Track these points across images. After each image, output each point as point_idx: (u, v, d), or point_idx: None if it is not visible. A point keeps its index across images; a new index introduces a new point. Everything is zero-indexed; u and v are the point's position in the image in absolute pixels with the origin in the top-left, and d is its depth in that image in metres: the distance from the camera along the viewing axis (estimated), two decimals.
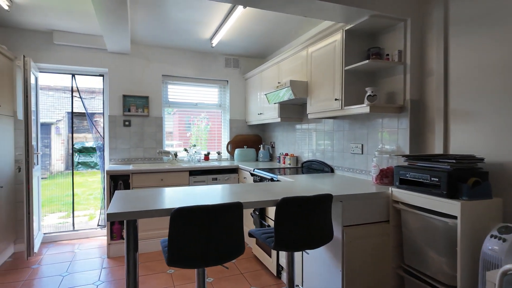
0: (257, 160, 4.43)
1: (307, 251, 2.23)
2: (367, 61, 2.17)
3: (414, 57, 2.16)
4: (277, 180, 2.72)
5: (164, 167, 3.54)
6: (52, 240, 3.83)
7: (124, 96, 3.89)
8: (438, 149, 2.04)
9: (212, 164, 3.93)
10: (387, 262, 2.00)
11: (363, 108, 2.15)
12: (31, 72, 3.08)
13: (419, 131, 2.18)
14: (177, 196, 1.80)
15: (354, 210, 1.92)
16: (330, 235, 1.75)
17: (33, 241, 3.07)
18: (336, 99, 2.42)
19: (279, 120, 3.46)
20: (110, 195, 3.32)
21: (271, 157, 4.35)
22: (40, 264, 3.09)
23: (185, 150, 4.23)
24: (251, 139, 4.55)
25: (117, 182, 3.53)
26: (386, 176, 2.22)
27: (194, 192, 1.93)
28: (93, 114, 4.35)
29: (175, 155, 4.11)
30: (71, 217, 4.26)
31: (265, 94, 3.34)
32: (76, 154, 10.78)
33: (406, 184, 1.89)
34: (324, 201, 1.70)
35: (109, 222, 3.36)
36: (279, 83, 3.19)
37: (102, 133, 4.05)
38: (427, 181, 1.72)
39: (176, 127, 4.35)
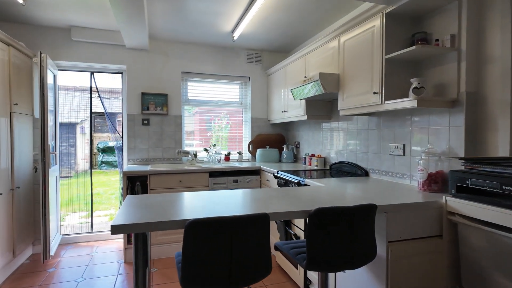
0: (280, 161, 4.17)
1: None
2: (413, 47, 1.86)
3: (471, 42, 1.82)
4: (305, 185, 2.45)
5: (183, 167, 3.36)
6: (71, 241, 3.75)
7: (143, 94, 3.75)
8: (503, 151, 1.69)
9: (233, 165, 3.71)
10: (440, 285, 1.68)
11: (409, 103, 1.84)
12: (48, 69, 2.98)
13: (477, 129, 1.84)
14: (193, 204, 1.58)
15: (400, 223, 1.62)
16: (374, 253, 1.47)
17: (49, 244, 2.97)
18: (374, 93, 2.11)
19: (305, 118, 3.18)
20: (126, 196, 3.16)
21: (295, 158, 4.08)
22: (57, 268, 2.99)
23: (205, 150, 4.04)
24: (273, 138, 4.29)
25: (135, 183, 3.38)
26: (435, 181, 1.90)
27: (213, 199, 1.70)
28: (113, 114, 4.24)
29: (195, 155, 3.93)
30: (91, 217, 4.17)
31: (290, 90, 3.07)
32: (100, 153, 10.97)
33: (466, 192, 1.57)
34: (367, 212, 1.42)
35: None
36: (305, 77, 2.92)
37: (121, 133, 3.93)
38: (496, 190, 1.40)
39: (197, 126, 4.17)
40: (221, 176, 3.50)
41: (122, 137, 3.91)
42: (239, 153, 4.20)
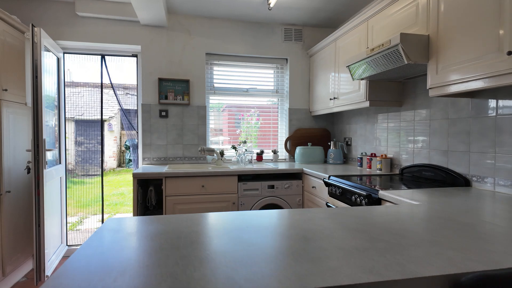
0: (325, 162, 3.37)
1: None
2: None
3: None
4: (378, 199, 1.66)
5: (206, 169, 2.69)
6: None
7: (160, 80, 3.13)
8: None
9: (267, 166, 2.97)
10: None
11: None
12: (43, 46, 2.42)
13: None
14: (206, 247, 0.86)
15: None
16: None
17: (43, 262, 2.41)
18: (509, 53, 1.28)
19: (367, 104, 2.37)
20: (138, 205, 2.54)
21: (346, 159, 3.26)
22: None
23: (234, 148, 3.34)
24: (316, 134, 3.50)
25: (147, 187, 2.75)
26: None
27: (238, 233, 0.98)
28: (128, 110, 3.66)
29: (221, 154, 3.25)
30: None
31: (348, 66, 2.27)
32: (128, 151, 10.75)
33: None
34: None
35: None
36: (368, 48, 2.11)
37: (136, 127, 3.34)
38: None
39: (225, 124, 3.49)
40: (253, 180, 2.78)
41: (137, 132, 3.32)
42: (274, 152, 3.46)
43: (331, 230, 0.97)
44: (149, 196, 2.64)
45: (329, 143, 3.32)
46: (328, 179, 2.29)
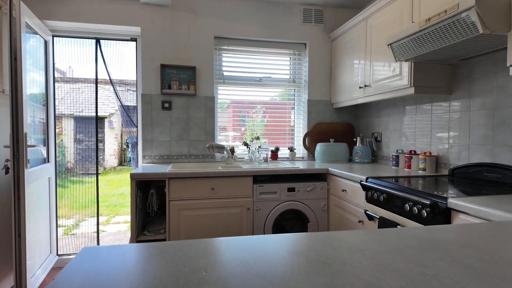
0: (350, 160, 2.97)
1: None
2: None
3: None
4: (448, 209, 1.27)
5: (216, 168, 2.30)
6: None
7: (163, 67, 2.73)
8: None
9: (285, 165, 2.58)
10: None
11: None
12: (23, 21, 2.04)
13: None
14: None
15: None
16: None
17: (25, 278, 2.04)
18: None
19: (411, 91, 1.97)
20: (137, 211, 2.16)
21: (374, 157, 2.86)
22: None
23: (245, 144, 2.95)
24: (339, 129, 3.10)
25: (148, 190, 2.37)
26: None
27: (258, 270, 0.58)
28: (127, 107, 3.26)
29: (231, 151, 2.86)
30: (97, 233, 3.24)
31: (390, 44, 1.87)
32: (129, 149, 10.40)
33: None
34: None
35: None
36: (420, 20, 1.70)
37: (135, 122, 2.96)
38: None
39: (230, 121, 3.10)
40: (270, 182, 2.39)
41: (136, 126, 2.93)
42: (291, 149, 3.06)
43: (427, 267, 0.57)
44: (150, 200, 2.26)
45: (354, 139, 2.92)
46: (366, 181, 1.89)
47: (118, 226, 4.53)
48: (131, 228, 2.14)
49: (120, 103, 3.01)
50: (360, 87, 2.51)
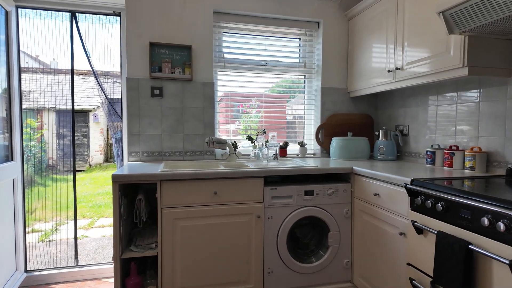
0: (372, 157, 2.59)
1: None
2: None
3: None
4: None
5: (218, 168, 1.87)
6: (42, 282, 2.37)
7: (152, 46, 2.28)
8: None
9: (298, 163, 2.17)
10: None
11: None
12: None
13: None
14: None
15: None
16: None
17: None
18: None
19: (463, 72, 1.59)
20: (121, 221, 1.73)
21: (400, 153, 2.49)
22: None
23: (250, 139, 2.54)
24: (357, 121, 2.71)
25: (135, 195, 1.93)
26: None
27: None
28: (113, 99, 2.78)
29: (234, 146, 2.44)
30: (75, 243, 2.78)
31: (442, 12, 1.47)
32: (116, 145, 9.81)
33: None
34: None
35: (120, 271, 1.77)
36: None
37: (120, 113, 2.51)
38: None
39: (222, 116, 2.67)
40: (283, 184, 1.99)
41: (121, 118, 2.48)
42: (301, 145, 2.66)
43: None
44: (138, 208, 1.82)
45: (376, 133, 2.54)
46: (412, 184, 1.51)
47: (103, 230, 4.07)
48: (114, 244, 1.70)
49: (103, 91, 2.55)
50: (389, 71, 2.11)
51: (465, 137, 1.92)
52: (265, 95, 2.71)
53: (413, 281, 1.45)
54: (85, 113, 9.08)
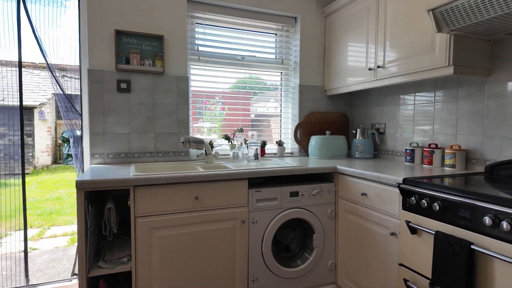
0: (350, 155, 2.59)
1: None
2: None
3: None
4: None
5: (199, 171, 1.71)
6: None
7: (119, 35, 2.04)
8: None
9: (280, 163, 2.08)
10: None
11: None
12: None
13: None
14: None
15: None
16: None
17: None
18: None
19: (449, 71, 1.61)
20: (87, 234, 1.49)
21: (377, 151, 2.51)
22: None
23: (227, 138, 2.39)
24: (334, 119, 2.70)
25: (103, 204, 1.70)
26: None
27: None
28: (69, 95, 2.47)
29: (211, 145, 2.29)
30: (24, 258, 2.43)
31: (432, 10, 1.46)
32: (66, 144, 8.96)
33: None
34: None
35: None
36: None
37: (79, 110, 2.21)
38: None
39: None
40: (267, 186, 1.88)
41: (81, 115, 2.19)
42: (279, 144, 2.58)
43: None
44: (107, 218, 1.59)
45: (353, 131, 2.53)
46: (404, 183, 1.48)
47: (55, 240, 3.64)
48: (79, 261, 1.47)
49: (59, 85, 2.23)
50: (370, 69, 2.10)
51: (443, 135, 1.97)
52: (230, 92, 2.58)
53: (408, 282, 1.43)
54: (29, 110, 8.15)
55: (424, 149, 1.98)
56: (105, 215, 1.58)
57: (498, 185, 1.34)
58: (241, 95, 2.60)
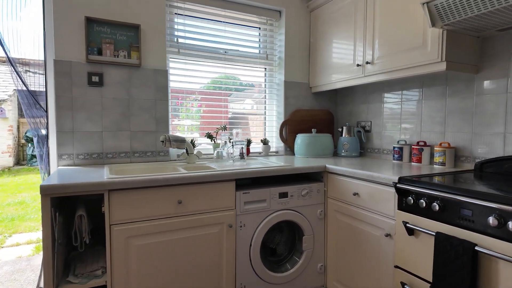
0: (336, 154, 2.54)
1: None
2: None
3: None
4: None
5: (181, 172, 1.56)
6: None
7: (90, 22, 1.84)
8: None
9: (267, 163, 1.98)
10: None
11: None
12: None
13: None
14: None
15: None
16: None
17: None
18: None
19: (442, 66, 1.57)
20: (54, 248, 1.31)
21: (363, 149, 2.47)
22: None
23: (209, 137, 2.26)
24: (320, 117, 2.63)
25: (73, 212, 1.51)
26: None
27: None
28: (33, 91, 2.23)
29: (192, 144, 2.14)
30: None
31: (427, 3, 1.41)
32: (30, 144, 8.33)
33: None
34: None
35: None
36: None
37: (45, 106, 1.98)
38: None
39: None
40: (255, 188, 1.77)
41: (46, 111, 1.96)
42: (264, 142, 2.48)
43: None
44: (78, 227, 1.41)
45: (339, 129, 2.48)
46: (400, 182, 1.43)
47: (18, 249, 3.32)
48: (45, 277, 1.28)
49: (21, 80, 1.99)
50: (358, 65, 2.05)
51: (431, 133, 1.95)
52: (210, 90, 2.45)
53: (405, 286, 1.38)
54: None
55: (413, 147, 1.96)
56: (76, 224, 1.40)
57: (495, 183, 1.31)
58: (224, 91, 2.46)
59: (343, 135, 2.43)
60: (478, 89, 1.71)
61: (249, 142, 2.38)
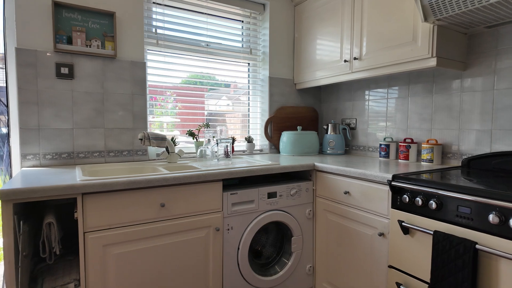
0: (321, 152, 2.49)
1: None
2: None
3: None
4: None
5: (163, 173, 1.44)
6: None
7: (58, 7, 1.66)
8: None
9: (254, 161, 1.90)
10: None
11: None
12: None
13: None
14: None
15: None
16: None
17: None
18: None
19: (431, 63, 1.56)
20: (19, 260, 1.15)
21: (348, 147, 2.44)
22: None
23: (191, 134, 2.13)
24: (304, 114, 2.58)
25: (39, 217, 1.35)
26: None
27: None
28: None
29: (173, 142, 2.01)
30: None
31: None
32: None
33: None
34: None
35: None
36: None
37: (5, 102, 1.77)
38: None
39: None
40: (242, 188, 1.68)
41: (7, 106, 1.75)
42: (248, 140, 2.39)
43: None
44: (47, 236, 1.25)
45: (325, 127, 2.44)
46: (394, 180, 1.39)
47: None
48: None
49: None
50: (345, 61, 2.01)
51: (417, 130, 1.95)
52: (180, 88, 2.32)
53: (401, 286, 1.34)
54: None
55: (400, 143, 1.94)
56: (44, 232, 1.24)
57: (487, 180, 1.30)
58: (205, 87, 2.34)
59: (329, 133, 2.39)
60: (465, 86, 1.71)
61: (233, 140, 2.28)
